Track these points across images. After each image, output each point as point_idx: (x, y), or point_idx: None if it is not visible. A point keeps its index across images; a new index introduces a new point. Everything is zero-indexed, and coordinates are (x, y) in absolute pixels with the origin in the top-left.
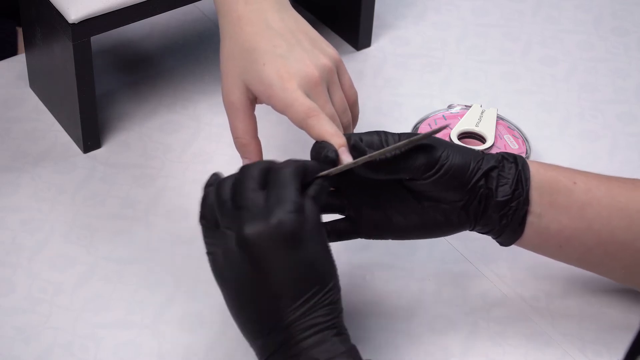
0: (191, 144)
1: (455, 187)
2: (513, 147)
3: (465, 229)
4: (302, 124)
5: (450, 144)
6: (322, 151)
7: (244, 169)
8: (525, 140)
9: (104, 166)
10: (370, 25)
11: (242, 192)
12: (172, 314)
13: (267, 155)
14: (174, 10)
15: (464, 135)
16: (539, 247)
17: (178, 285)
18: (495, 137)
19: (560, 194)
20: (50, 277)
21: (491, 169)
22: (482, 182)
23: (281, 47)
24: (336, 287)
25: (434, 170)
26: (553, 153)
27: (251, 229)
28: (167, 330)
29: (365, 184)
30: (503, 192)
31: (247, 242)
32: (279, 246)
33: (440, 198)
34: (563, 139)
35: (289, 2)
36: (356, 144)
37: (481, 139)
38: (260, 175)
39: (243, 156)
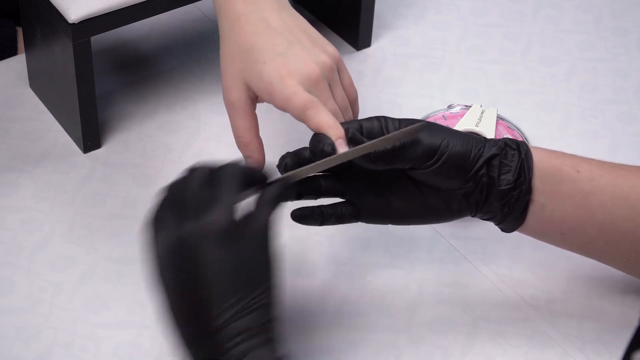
0: (191, 144)
1: (455, 176)
2: None
3: (466, 216)
4: (301, 116)
5: (451, 130)
6: (318, 145)
7: (187, 172)
8: (525, 140)
9: (104, 166)
10: (370, 25)
11: (180, 194)
12: None
13: (269, 154)
14: (174, 10)
15: None
16: (540, 235)
17: None
18: (495, 137)
19: (564, 183)
20: (50, 277)
21: (493, 157)
22: (483, 170)
23: (281, 46)
24: (269, 291)
25: (433, 160)
26: None
27: (181, 229)
28: (167, 330)
29: (366, 170)
30: (505, 180)
31: (177, 242)
32: (207, 246)
33: (441, 186)
34: (563, 139)
35: (288, 2)
36: (354, 136)
37: None
38: (202, 176)
39: (245, 155)
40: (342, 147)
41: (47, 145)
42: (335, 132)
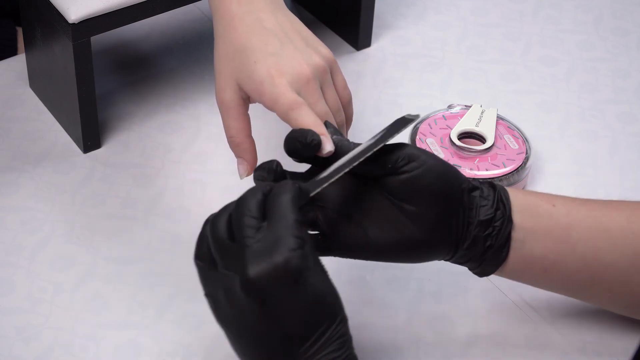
0: (191, 144)
1: (437, 192)
2: (513, 147)
3: (445, 251)
4: (285, 117)
5: (436, 155)
6: (307, 136)
7: (239, 202)
8: (525, 140)
9: (104, 166)
10: (370, 25)
11: (241, 229)
12: (172, 314)
13: (266, 156)
14: (174, 10)
15: (464, 135)
16: (522, 274)
17: (178, 285)
18: (495, 137)
19: (542, 217)
20: (50, 277)
21: (473, 188)
22: (465, 198)
23: (273, 46)
24: (345, 318)
25: (416, 163)
26: (553, 153)
27: (255, 269)
28: (167, 330)
29: (342, 193)
30: (484, 212)
31: (252, 284)
32: (286, 286)
33: (421, 203)
34: (563, 139)
35: (283, 3)
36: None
37: (481, 139)
38: (257, 207)
39: (237, 156)
40: (328, 144)
41: (47, 145)
42: (318, 131)
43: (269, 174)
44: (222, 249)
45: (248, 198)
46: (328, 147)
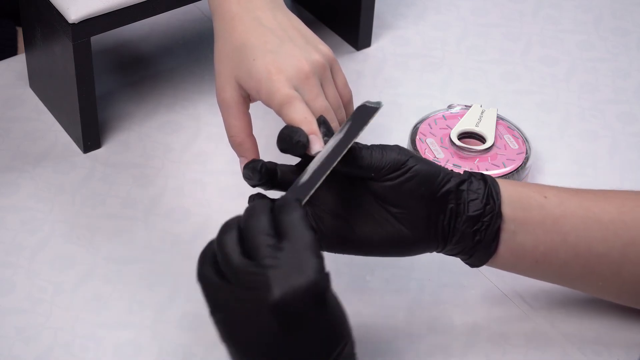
0: (191, 144)
1: (422, 195)
2: (513, 147)
3: (433, 247)
4: (279, 112)
5: (422, 157)
6: (294, 136)
7: (251, 220)
8: (525, 140)
9: (104, 166)
10: (370, 25)
11: (259, 249)
12: (172, 314)
13: (266, 154)
14: (174, 10)
15: (464, 135)
16: (513, 265)
17: (178, 285)
18: (495, 137)
19: (533, 208)
20: (50, 277)
21: (461, 182)
22: (452, 196)
23: (272, 43)
24: (353, 338)
25: (400, 172)
26: (553, 153)
27: (282, 291)
28: (167, 330)
29: (330, 190)
30: (474, 206)
31: (279, 306)
32: (312, 307)
33: (406, 206)
34: (563, 139)
35: (282, 2)
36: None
37: (481, 139)
38: (270, 225)
39: (239, 155)
40: (316, 143)
41: (47, 145)
42: (307, 128)
43: (253, 174)
44: (236, 268)
45: (259, 215)
46: (317, 147)
